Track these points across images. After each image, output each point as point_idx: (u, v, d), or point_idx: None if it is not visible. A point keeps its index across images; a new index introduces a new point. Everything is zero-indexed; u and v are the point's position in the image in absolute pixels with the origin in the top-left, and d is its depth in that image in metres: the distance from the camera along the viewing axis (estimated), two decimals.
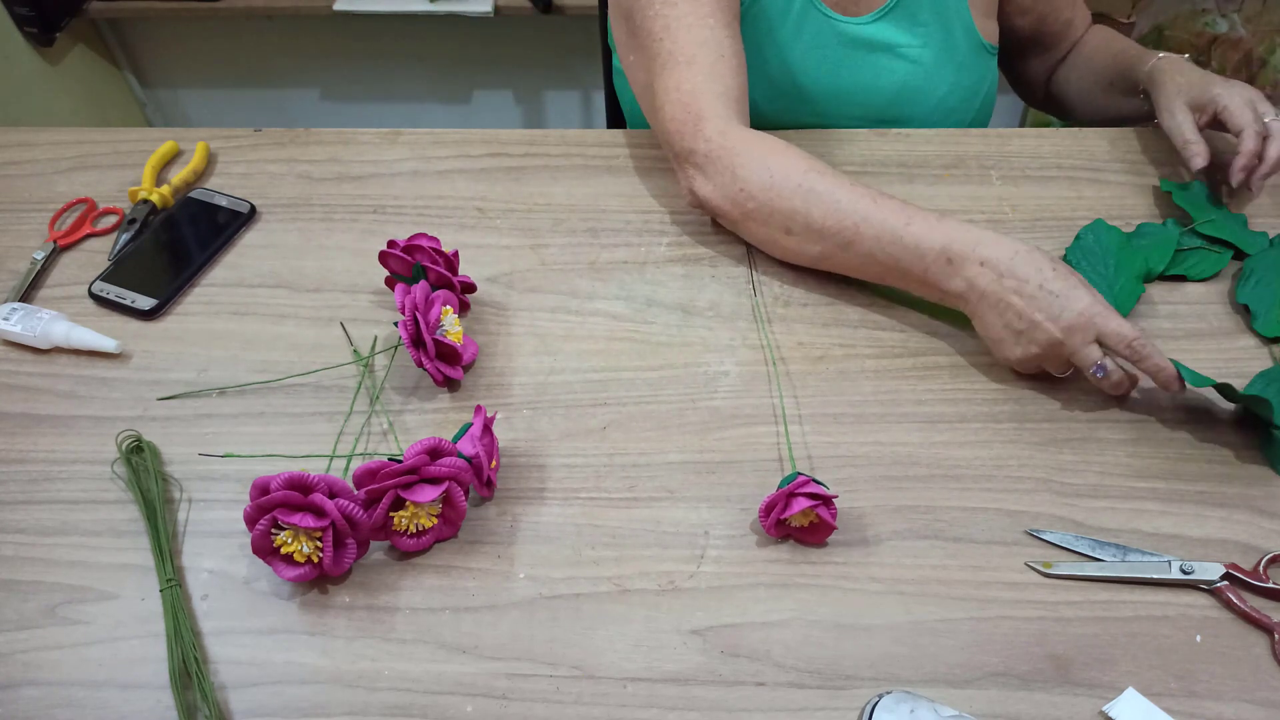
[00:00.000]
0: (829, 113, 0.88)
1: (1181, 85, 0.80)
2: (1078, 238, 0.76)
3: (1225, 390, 0.63)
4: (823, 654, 0.55)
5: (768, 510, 0.58)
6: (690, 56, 0.74)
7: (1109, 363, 0.63)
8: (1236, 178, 0.76)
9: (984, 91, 0.92)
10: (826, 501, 0.57)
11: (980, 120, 0.94)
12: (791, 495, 0.57)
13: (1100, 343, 0.63)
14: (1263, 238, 0.76)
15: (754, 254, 0.77)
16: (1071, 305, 0.62)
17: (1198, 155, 0.76)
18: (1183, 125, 0.78)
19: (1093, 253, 0.75)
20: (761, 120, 0.88)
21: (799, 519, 0.58)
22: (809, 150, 0.73)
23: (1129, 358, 0.62)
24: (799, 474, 0.59)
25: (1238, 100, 0.77)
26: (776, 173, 0.69)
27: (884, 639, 0.56)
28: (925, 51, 0.86)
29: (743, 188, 0.70)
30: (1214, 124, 0.79)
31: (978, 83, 0.90)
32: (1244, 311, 0.72)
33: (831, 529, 0.58)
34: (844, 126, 0.89)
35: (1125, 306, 0.72)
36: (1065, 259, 0.75)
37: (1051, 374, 0.67)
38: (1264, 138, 0.75)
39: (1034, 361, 0.65)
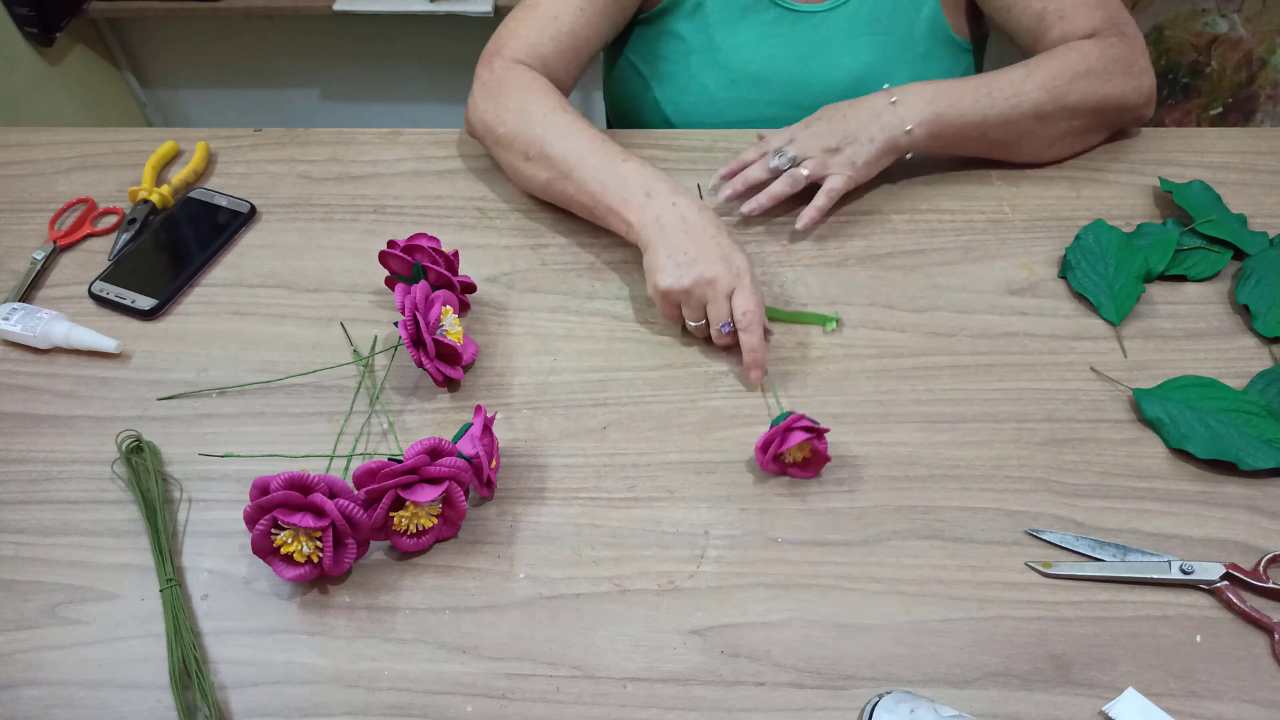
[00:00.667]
0: (785, 101, 0.88)
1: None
2: (1078, 238, 0.76)
3: None
4: (823, 654, 0.55)
5: (765, 447, 0.60)
6: (534, 3, 0.82)
7: (730, 324, 0.67)
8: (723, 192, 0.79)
9: None
10: (819, 435, 0.60)
11: None
12: (788, 430, 0.59)
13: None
14: (1263, 238, 0.76)
15: (753, 255, 0.77)
16: (730, 259, 0.67)
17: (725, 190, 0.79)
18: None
19: (1093, 253, 0.75)
20: (718, 108, 0.89)
21: (795, 453, 0.61)
22: None
23: (736, 325, 0.67)
24: (790, 412, 0.61)
25: (779, 134, 0.79)
26: (530, 104, 0.76)
27: (884, 639, 0.56)
28: (887, 40, 0.86)
29: (499, 114, 0.77)
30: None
31: (946, 74, 0.88)
32: (1244, 311, 0.72)
33: (825, 460, 0.61)
34: (802, 115, 0.87)
35: (1125, 306, 0.72)
36: (1065, 259, 0.75)
37: (686, 320, 0.70)
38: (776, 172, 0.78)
39: (679, 297, 0.68)
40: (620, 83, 0.97)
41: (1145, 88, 0.80)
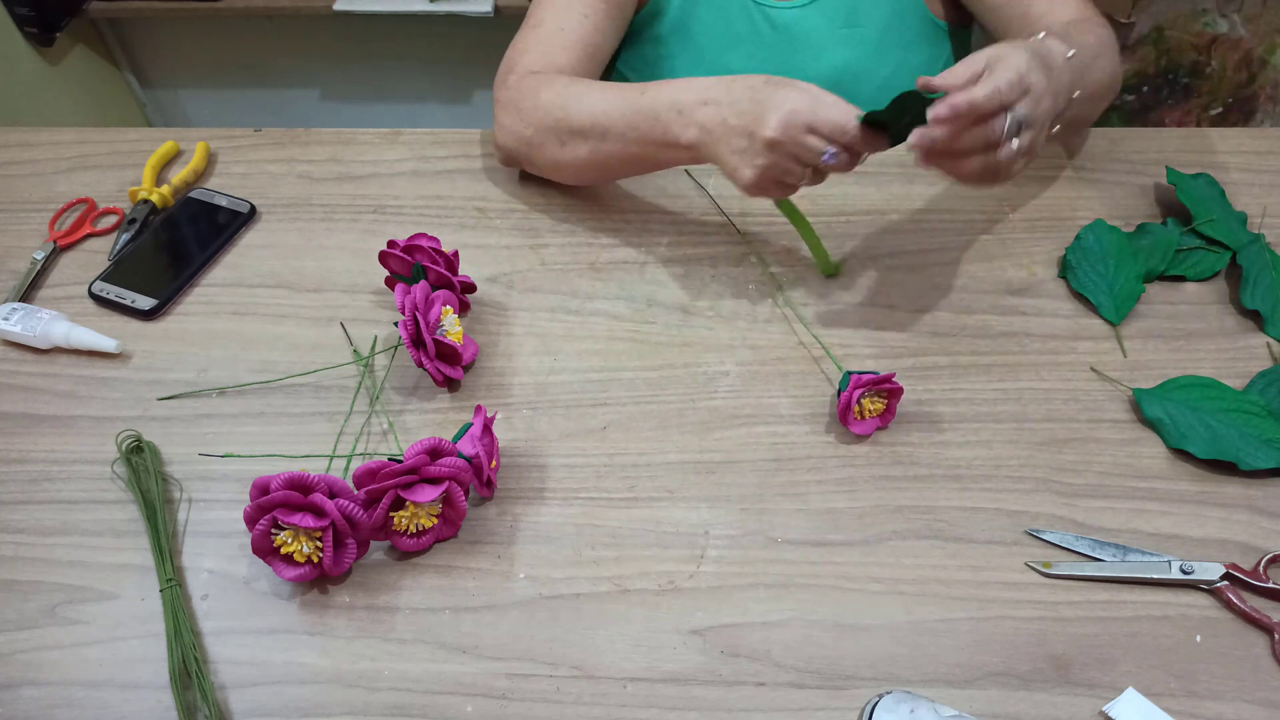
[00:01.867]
0: None
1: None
2: (1078, 238, 0.76)
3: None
4: (823, 654, 0.55)
5: (845, 410, 0.63)
6: (538, 21, 0.81)
7: (835, 148, 0.62)
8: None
9: (937, 71, 0.87)
10: (893, 393, 0.64)
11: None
12: (869, 385, 0.62)
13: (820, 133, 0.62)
14: (1260, 239, 0.76)
15: (760, 252, 0.77)
16: (780, 105, 0.62)
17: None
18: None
19: (1093, 253, 0.75)
20: None
21: (873, 405, 0.64)
22: None
23: (847, 146, 0.62)
24: (850, 373, 0.64)
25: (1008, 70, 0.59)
26: (543, 95, 0.75)
27: (884, 639, 0.56)
28: (868, 32, 0.86)
29: (524, 118, 0.76)
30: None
31: (929, 62, 0.88)
32: (1246, 312, 0.72)
33: (898, 395, 0.64)
34: None
35: (1125, 306, 0.72)
36: (1065, 259, 0.75)
37: (799, 185, 0.65)
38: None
39: (768, 175, 0.64)
40: None
41: (1120, 75, 0.77)
